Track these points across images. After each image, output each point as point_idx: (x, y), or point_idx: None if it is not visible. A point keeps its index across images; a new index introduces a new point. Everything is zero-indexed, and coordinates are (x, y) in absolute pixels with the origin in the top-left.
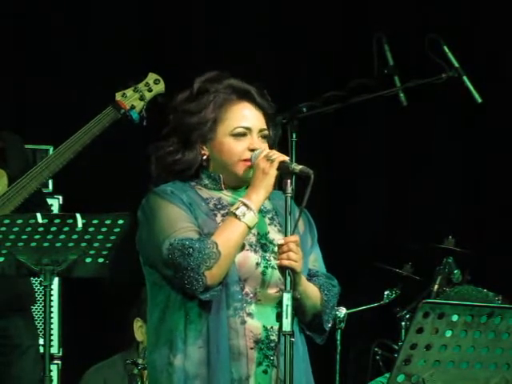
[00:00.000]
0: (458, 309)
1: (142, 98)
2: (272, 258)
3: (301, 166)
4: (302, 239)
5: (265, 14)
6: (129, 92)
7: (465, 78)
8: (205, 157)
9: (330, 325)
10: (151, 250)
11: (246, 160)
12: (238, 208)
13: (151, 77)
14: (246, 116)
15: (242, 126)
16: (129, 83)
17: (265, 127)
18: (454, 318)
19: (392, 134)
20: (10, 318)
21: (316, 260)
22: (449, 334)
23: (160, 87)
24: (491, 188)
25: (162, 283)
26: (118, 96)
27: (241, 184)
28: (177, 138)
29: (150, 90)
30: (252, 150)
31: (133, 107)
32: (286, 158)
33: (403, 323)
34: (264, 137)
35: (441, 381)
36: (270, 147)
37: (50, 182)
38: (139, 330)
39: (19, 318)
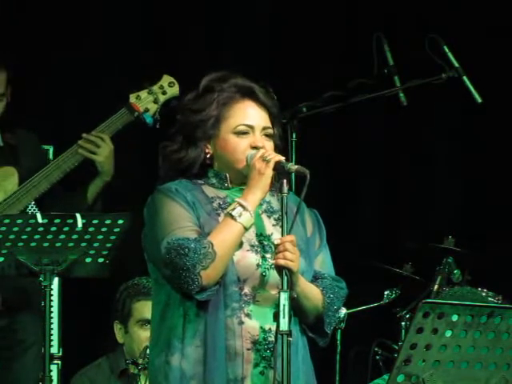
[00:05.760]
0: (458, 309)
1: (156, 101)
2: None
3: (297, 166)
4: (309, 240)
5: (265, 14)
6: (143, 94)
7: (465, 78)
8: (209, 155)
9: (332, 327)
10: (152, 247)
11: None
12: (234, 209)
13: (166, 79)
14: (249, 114)
15: (245, 124)
16: (143, 85)
17: (268, 125)
18: (454, 317)
19: (392, 134)
20: (16, 314)
21: (324, 262)
22: (449, 333)
23: (174, 90)
24: (491, 188)
25: (164, 281)
26: (132, 98)
27: (246, 181)
28: (182, 136)
29: (164, 93)
30: (254, 148)
31: (146, 110)
32: (282, 158)
33: (403, 323)
34: (268, 135)
35: (441, 381)
36: (277, 145)
37: None
38: (119, 333)
39: (26, 314)
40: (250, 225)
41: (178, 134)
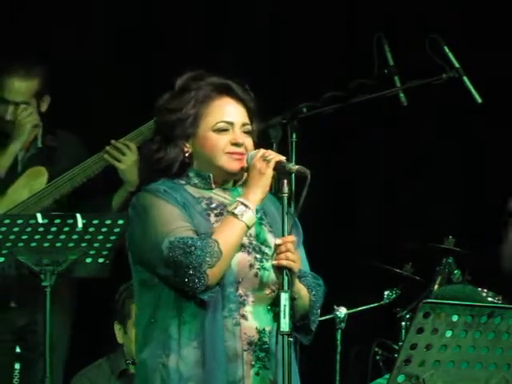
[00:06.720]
0: (459, 309)
1: None
2: (264, 260)
3: (297, 166)
4: None
5: (265, 14)
6: None
7: (465, 78)
8: (187, 154)
9: (316, 325)
10: (147, 249)
11: (229, 153)
12: (236, 207)
13: None
14: (228, 111)
15: (224, 121)
16: None
17: (247, 122)
18: (454, 318)
19: (392, 134)
20: (38, 314)
21: (302, 260)
22: (449, 334)
23: None
24: (491, 188)
25: (153, 282)
26: None
27: (228, 178)
28: (160, 136)
29: None
30: (235, 144)
31: None
32: (283, 158)
33: (403, 323)
34: (247, 132)
35: (441, 381)
36: (255, 142)
37: None
38: (119, 333)
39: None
40: (252, 224)
41: (156, 134)
